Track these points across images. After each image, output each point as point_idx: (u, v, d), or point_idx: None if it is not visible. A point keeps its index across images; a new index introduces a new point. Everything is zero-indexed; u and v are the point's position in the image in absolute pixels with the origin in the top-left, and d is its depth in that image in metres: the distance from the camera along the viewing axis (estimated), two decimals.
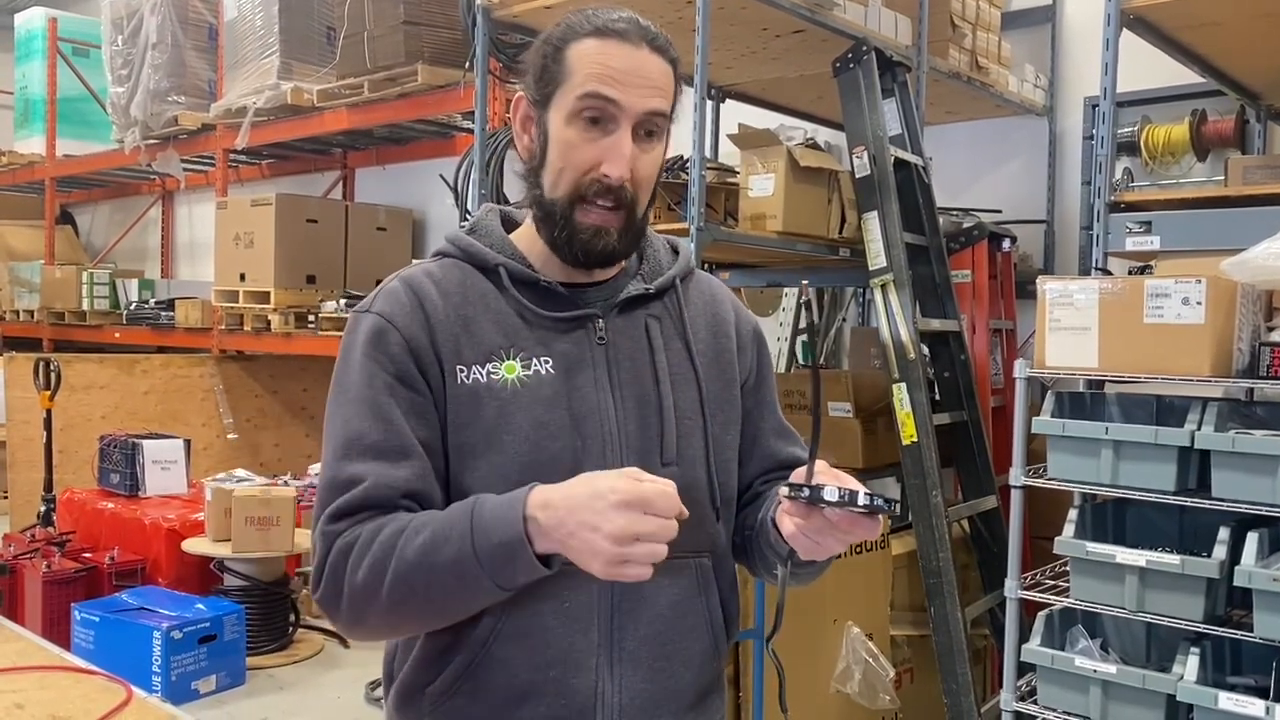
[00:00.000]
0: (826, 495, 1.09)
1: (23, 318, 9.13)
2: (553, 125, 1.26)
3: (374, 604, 1.17)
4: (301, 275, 6.50)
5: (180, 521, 5.04)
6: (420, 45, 5.41)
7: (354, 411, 1.23)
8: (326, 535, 1.20)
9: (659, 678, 1.28)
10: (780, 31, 3.62)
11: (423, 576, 1.15)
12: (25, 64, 9.20)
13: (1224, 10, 2.87)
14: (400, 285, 1.29)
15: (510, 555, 1.12)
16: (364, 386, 1.24)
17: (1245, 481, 2.39)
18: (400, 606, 1.17)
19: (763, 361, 1.46)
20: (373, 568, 1.16)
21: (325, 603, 1.22)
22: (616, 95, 1.22)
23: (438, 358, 1.25)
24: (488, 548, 1.12)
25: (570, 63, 1.25)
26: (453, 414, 1.24)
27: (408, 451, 1.22)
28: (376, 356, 1.24)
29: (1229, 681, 2.51)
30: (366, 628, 1.22)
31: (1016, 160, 4.89)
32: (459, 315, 1.27)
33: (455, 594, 1.16)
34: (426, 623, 1.23)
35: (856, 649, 3.26)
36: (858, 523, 1.12)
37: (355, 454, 1.21)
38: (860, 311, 5.25)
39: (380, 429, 1.22)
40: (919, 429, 3.36)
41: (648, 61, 1.25)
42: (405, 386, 1.24)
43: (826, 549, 1.16)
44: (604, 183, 1.23)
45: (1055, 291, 2.68)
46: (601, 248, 1.26)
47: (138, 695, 1.82)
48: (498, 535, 1.12)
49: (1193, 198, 2.99)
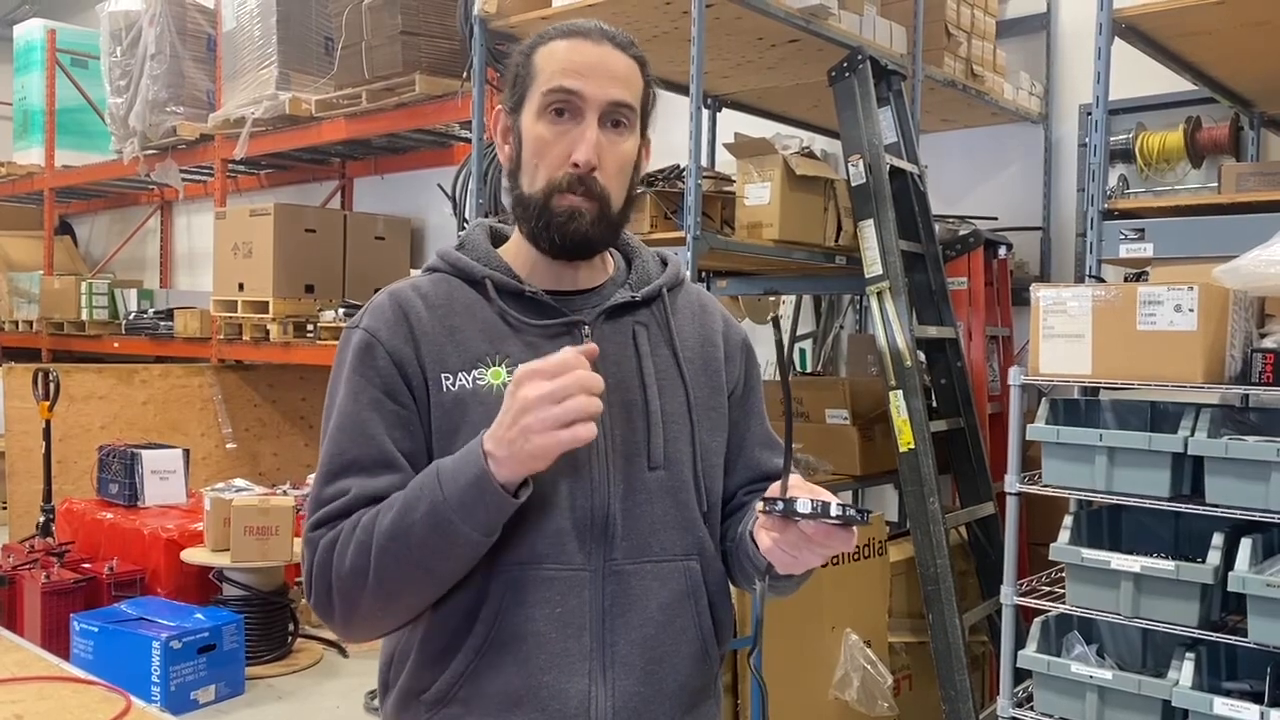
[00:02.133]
0: (799, 508, 1.11)
1: (22, 328, 9.14)
2: (525, 125, 1.30)
3: (363, 588, 1.20)
4: (300, 285, 6.51)
5: (179, 531, 5.04)
6: (418, 55, 5.43)
7: (337, 428, 1.28)
8: (311, 541, 1.26)
9: (651, 681, 1.29)
10: (776, 41, 3.64)
11: (402, 542, 1.18)
12: (24, 75, 9.22)
13: (1215, 19, 2.88)
14: (387, 300, 1.33)
15: (479, 493, 1.15)
16: (349, 402, 1.28)
17: (1239, 487, 2.40)
18: (388, 582, 1.19)
19: (751, 372, 1.47)
20: (356, 551, 1.20)
21: (319, 605, 1.25)
22: (579, 86, 1.27)
23: (422, 369, 1.28)
24: (456, 494, 1.16)
25: (537, 64, 1.30)
26: (438, 422, 1.27)
27: (389, 463, 1.26)
28: (363, 371, 1.28)
29: (1224, 687, 2.52)
30: (362, 619, 1.24)
31: (1012, 167, 4.91)
32: (445, 325, 1.30)
33: (436, 551, 1.18)
34: (416, 593, 1.23)
35: (855, 656, 3.27)
36: (832, 535, 1.14)
37: (337, 471, 1.26)
38: (857, 319, 5.26)
39: (360, 445, 1.26)
40: (916, 436, 3.37)
41: (610, 55, 1.30)
42: (391, 400, 1.28)
43: (803, 562, 1.18)
44: (574, 173, 1.27)
45: (1049, 299, 2.69)
46: (575, 229, 1.28)
47: (137, 705, 1.82)
48: (463, 478, 1.16)
49: (1186, 205, 3.01)
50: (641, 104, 1.32)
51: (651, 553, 1.29)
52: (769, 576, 1.28)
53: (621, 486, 1.28)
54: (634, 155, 1.33)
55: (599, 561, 1.27)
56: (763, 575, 1.28)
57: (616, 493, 1.28)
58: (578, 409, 1.12)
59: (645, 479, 1.30)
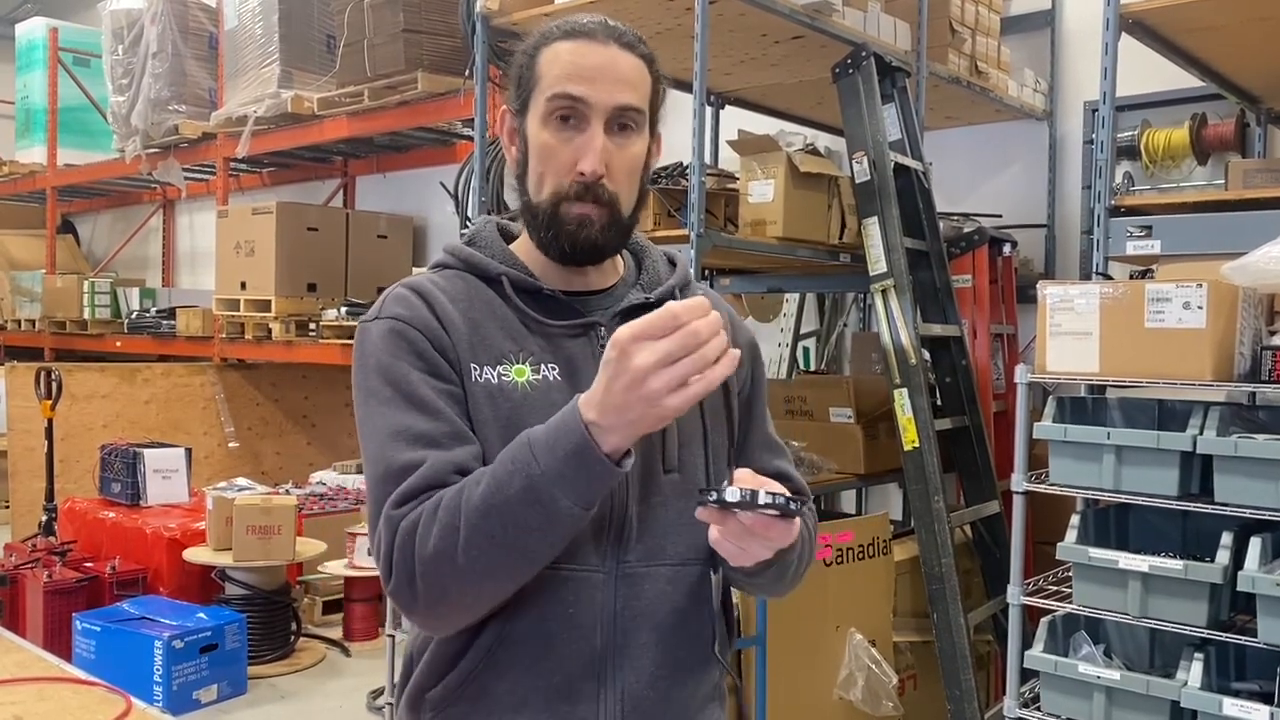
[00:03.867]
0: (728, 497, 1.10)
1: (24, 327, 9.15)
2: (530, 130, 1.28)
3: (451, 571, 1.13)
4: (302, 283, 6.50)
5: (181, 530, 5.04)
6: (420, 53, 5.42)
7: (393, 411, 1.20)
8: (390, 520, 1.16)
9: (659, 684, 1.28)
10: (779, 38, 3.62)
11: (496, 520, 1.11)
12: (26, 74, 9.23)
13: (1222, 14, 2.86)
14: (406, 290, 1.29)
15: (582, 463, 1.09)
16: (398, 385, 1.21)
17: (1248, 486, 2.38)
18: (479, 563, 1.12)
19: (757, 374, 1.46)
20: (442, 534, 1.12)
21: (399, 592, 1.16)
22: (583, 93, 1.24)
23: (456, 353, 1.24)
24: (555, 466, 1.09)
25: (541, 67, 1.27)
26: (472, 409, 1.24)
27: (460, 436, 1.20)
28: (401, 354, 1.23)
29: (1233, 687, 2.50)
30: (451, 605, 1.17)
31: (1017, 165, 4.89)
32: (467, 319, 1.27)
33: (534, 527, 1.12)
34: (511, 573, 1.16)
35: (859, 655, 3.26)
36: (771, 525, 1.12)
37: (405, 443, 1.18)
38: (862, 317, 5.24)
39: (426, 419, 1.19)
40: (921, 434, 3.36)
41: (616, 57, 1.26)
42: (437, 379, 1.22)
43: (751, 554, 1.15)
44: (581, 181, 1.24)
45: (1056, 296, 2.67)
46: (585, 237, 1.26)
47: (137, 706, 1.81)
48: (562, 449, 1.09)
49: (1193, 201, 2.99)
50: (650, 103, 1.30)
51: (665, 556, 1.28)
52: (739, 572, 1.26)
53: (639, 489, 1.26)
54: (643, 156, 1.31)
55: (613, 563, 1.25)
56: (716, 569, 1.30)
57: (634, 495, 1.26)
58: (695, 365, 1.06)
59: (660, 482, 1.28)
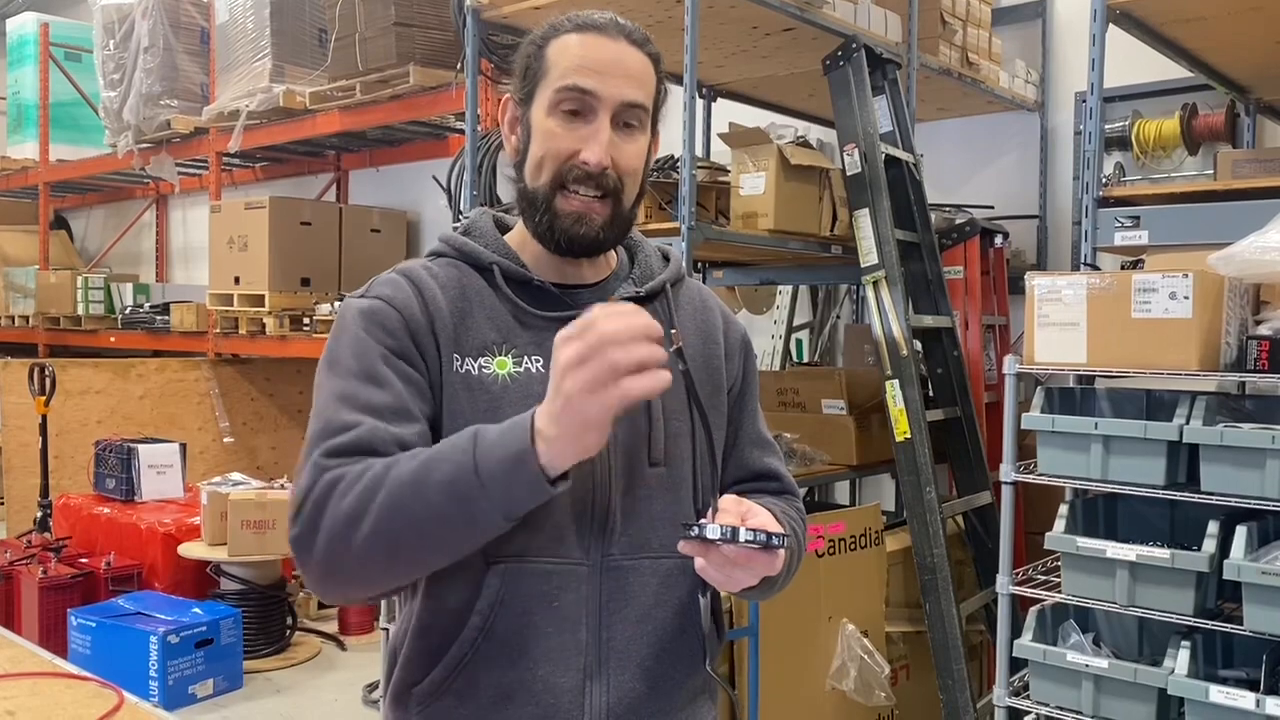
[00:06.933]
0: (708, 534, 1.11)
1: (18, 323, 9.12)
2: (535, 118, 1.28)
3: (354, 537, 1.10)
4: (296, 278, 6.49)
5: (176, 526, 5.05)
6: (412, 47, 5.41)
7: (348, 380, 1.20)
8: (317, 467, 1.15)
9: (647, 678, 1.29)
10: (770, 30, 3.62)
11: (416, 499, 1.09)
12: (17, 69, 9.19)
13: (1210, 4, 2.87)
14: (398, 275, 1.30)
15: (514, 469, 1.07)
16: (361, 359, 1.22)
17: (1234, 475, 2.39)
18: (384, 537, 1.10)
19: (749, 370, 1.46)
20: (360, 496, 1.11)
21: (300, 540, 1.14)
22: (593, 86, 1.24)
23: (436, 342, 1.25)
24: (489, 465, 1.07)
25: (550, 58, 1.27)
26: (447, 400, 1.24)
27: (405, 414, 1.19)
28: (372, 331, 1.23)
29: (1220, 675, 2.52)
30: (347, 572, 1.15)
31: (1008, 156, 4.89)
32: (455, 308, 1.28)
33: (447, 519, 1.10)
34: (414, 558, 1.15)
35: (852, 646, 3.27)
36: (754, 558, 1.14)
37: (350, 407, 1.18)
38: (854, 308, 5.25)
39: (379, 393, 1.19)
40: (912, 425, 3.37)
41: (625, 54, 1.27)
42: (403, 361, 1.23)
43: (738, 581, 1.17)
44: (583, 169, 1.24)
45: (1044, 287, 2.68)
46: (584, 234, 1.26)
47: (129, 701, 1.82)
48: (500, 450, 1.08)
49: (1181, 192, 3.00)
50: (654, 102, 1.31)
51: (650, 548, 1.29)
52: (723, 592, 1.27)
53: (623, 481, 1.27)
54: (644, 154, 1.31)
55: (597, 556, 1.26)
56: (704, 592, 1.31)
57: (618, 487, 1.27)
58: (612, 365, 1.02)
59: (645, 475, 1.29)
